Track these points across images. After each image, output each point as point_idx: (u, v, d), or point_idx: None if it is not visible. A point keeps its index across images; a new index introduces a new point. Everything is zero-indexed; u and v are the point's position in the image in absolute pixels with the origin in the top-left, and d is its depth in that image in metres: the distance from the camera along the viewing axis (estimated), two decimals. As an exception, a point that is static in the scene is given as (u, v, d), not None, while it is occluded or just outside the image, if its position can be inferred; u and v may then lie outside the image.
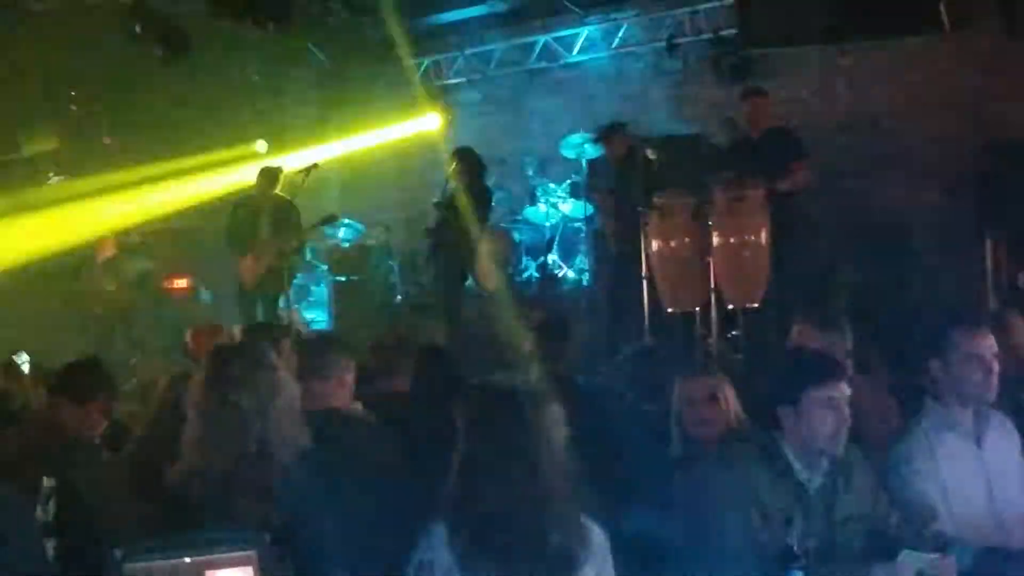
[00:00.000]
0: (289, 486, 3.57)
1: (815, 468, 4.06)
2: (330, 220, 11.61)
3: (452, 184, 10.74)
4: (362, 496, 4.42)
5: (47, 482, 3.89)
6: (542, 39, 13.41)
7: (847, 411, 4.01)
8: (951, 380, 4.42)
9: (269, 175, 11.47)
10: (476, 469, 3.38)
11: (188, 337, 8.35)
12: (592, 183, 10.77)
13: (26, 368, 8.80)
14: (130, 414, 6.56)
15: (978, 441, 4.44)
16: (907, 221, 11.46)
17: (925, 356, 4.53)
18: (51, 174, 12.83)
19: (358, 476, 4.51)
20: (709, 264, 9.16)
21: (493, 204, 12.11)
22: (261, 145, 14.15)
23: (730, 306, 9.12)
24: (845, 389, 4.04)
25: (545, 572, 3.32)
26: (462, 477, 3.40)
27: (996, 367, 4.38)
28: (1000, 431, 4.52)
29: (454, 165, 10.74)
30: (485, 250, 10.92)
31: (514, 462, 3.34)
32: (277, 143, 14.23)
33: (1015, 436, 4.56)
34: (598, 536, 3.47)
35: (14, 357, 8.92)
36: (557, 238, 12.50)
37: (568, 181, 12.32)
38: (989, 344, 4.41)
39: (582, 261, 12.25)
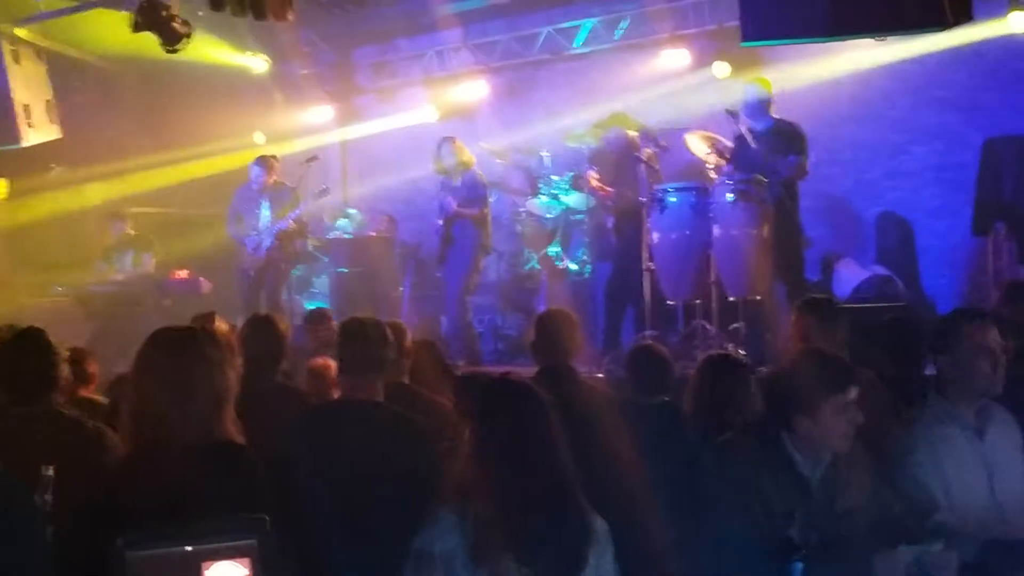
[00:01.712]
0: (276, 477, 3.59)
1: (817, 461, 4.06)
2: (324, 193, 11.59)
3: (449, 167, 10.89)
4: (358, 486, 4.44)
5: (46, 470, 3.89)
6: (545, 30, 13.40)
7: (857, 411, 4.03)
8: (959, 373, 4.44)
9: (265, 164, 11.55)
10: (491, 457, 3.42)
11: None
12: (593, 175, 10.74)
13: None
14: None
15: (980, 434, 4.45)
16: (909, 215, 11.50)
17: (933, 349, 4.55)
18: (53, 165, 12.87)
19: (356, 467, 4.53)
20: (710, 256, 9.17)
21: (495, 195, 12.18)
22: (259, 137, 14.20)
23: (731, 298, 9.13)
24: (855, 392, 4.06)
25: (555, 560, 3.36)
26: (476, 465, 3.43)
27: (1003, 361, 4.39)
28: (1002, 425, 4.53)
29: (442, 152, 10.91)
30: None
31: (531, 451, 3.40)
32: (279, 134, 14.27)
33: (1017, 431, 4.57)
34: (600, 526, 3.51)
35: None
36: (559, 230, 12.49)
37: (570, 173, 12.31)
38: (996, 337, 4.42)
39: (584, 253, 12.24)
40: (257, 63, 13.65)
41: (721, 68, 11.88)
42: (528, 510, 3.36)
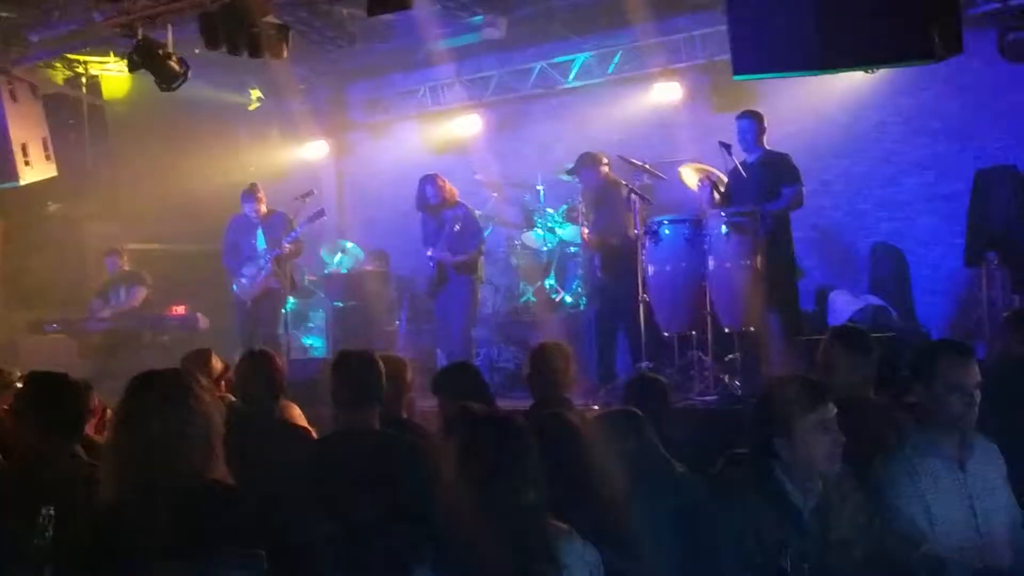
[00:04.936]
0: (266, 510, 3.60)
1: (809, 492, 4.09)
2: (319, 215, 11.57)
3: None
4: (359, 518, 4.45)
5: (46, 509, 3.90)
6: (538, 65, 13.48)
7: (838, 430, 4.06)
8: (933, 406, 4.43)
9: (252, 195, 11.50)
10: (460, 496, 3.43)
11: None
12: (584, 229, 10.70)
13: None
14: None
15: (961, 465, 4.42)
16: (902, 244, 11.54)
17: (911, 381, 4.55)
18: (49, 202, 12.90)
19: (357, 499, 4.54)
20: (705, 288, 9.19)
21: (490, 228, 12.24)
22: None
23: (726, 329, 9.15)
24: (833, 409, 4.09)
25: None
26: (448, 503, 3.45)
27: (978, 396, 4.40)
28: (984, 456, 4.51)
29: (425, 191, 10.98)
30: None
31: (496, 490, 3.39)
32: (275, 169, 14.34)
33: (999, 461, 4.54)
34: (583, 555, 3.50)
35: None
36: (554, 263, 12.53)
37: (564, 206, 12.36)
38: (973, 374, 4.42)
39: (579, 285, 12.28)
40: (252, 99, 13.72)
41: (712, 101, 11.94)
42: (492, 551, 3.35)
